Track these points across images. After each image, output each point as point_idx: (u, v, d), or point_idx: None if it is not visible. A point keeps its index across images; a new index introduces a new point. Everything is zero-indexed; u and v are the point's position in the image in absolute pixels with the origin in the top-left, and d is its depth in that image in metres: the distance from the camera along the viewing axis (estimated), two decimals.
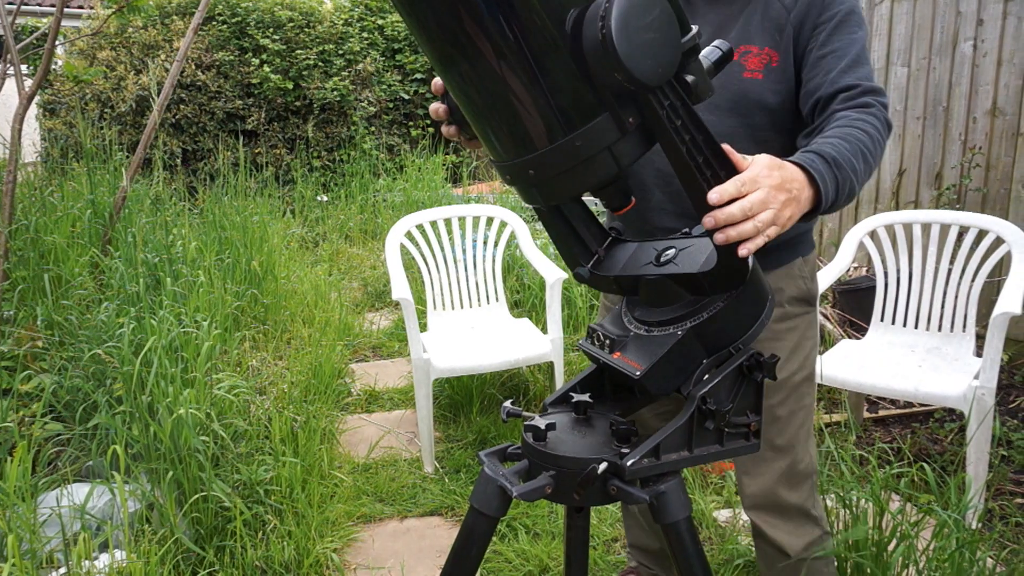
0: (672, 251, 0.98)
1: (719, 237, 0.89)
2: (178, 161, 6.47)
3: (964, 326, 2.47)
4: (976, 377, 2.17)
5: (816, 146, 1.08)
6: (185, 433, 1.97)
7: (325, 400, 2.90)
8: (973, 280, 2.47)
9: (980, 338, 2.57)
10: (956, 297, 2.51)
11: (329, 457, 2.56)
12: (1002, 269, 2.88)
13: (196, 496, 1.96)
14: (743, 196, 0.89)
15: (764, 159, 0.95)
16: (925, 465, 1.98)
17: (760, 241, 0.90)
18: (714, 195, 0.88)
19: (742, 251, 0.89)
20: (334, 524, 2.28)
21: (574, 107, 0.84)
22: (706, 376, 0.95)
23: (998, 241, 2.42)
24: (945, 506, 1.77)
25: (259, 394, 2.78)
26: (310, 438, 2.47)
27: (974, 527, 1.78)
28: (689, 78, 0.88)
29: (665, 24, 0.81)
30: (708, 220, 0.88)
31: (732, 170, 0.89)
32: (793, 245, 1.40)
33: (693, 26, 0.88)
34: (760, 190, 0.91)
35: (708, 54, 0.95)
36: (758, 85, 1.26)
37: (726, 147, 0.91)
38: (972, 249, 2.52)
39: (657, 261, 0.99)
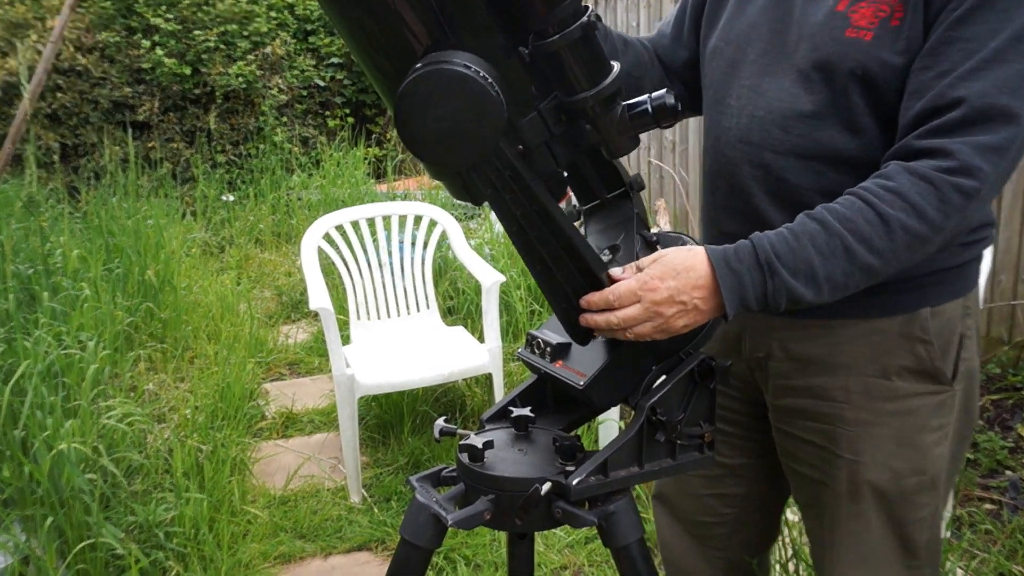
0: (607, 256, 0.99)
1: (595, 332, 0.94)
2: (55, 157, 6.20)
3: None
4: None
5: (774, 234, 0.93)
6: (67, 471, 1.88)
7: (235, 426, 2.82)
8: None
9: None
10: None
11: (241, 490, 2.50)
12: None
13: (82, 544, 1.87)
14: (612, 309, 0.91)
15: (666, 261, 0.93)
16: None
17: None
18: (582, 302, 0.92)
19: (597, 334, 0.94)
20: (248, 567, 2.22)
21: None
22: (655, 384, 0.97)
23: None
24: None
25: (158, 422, 2.69)
26: (218, 470, 2.40)
27: (943, 537, 1.86)
28: (587, 127, 0.86)
29: (472, 112, 0.77)
30: (581, 318, 0.93)
31: (580, 260, 0.88)
32: (920, 287, 1.06)
33: (615, 64, 0.87)
34: (635, 306, 0.91)
35: (637, 104, 0.89)
36: (863, 49, 0.97)
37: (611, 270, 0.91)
38: None
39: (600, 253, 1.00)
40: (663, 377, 0.98)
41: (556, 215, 0.87)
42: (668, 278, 0.92)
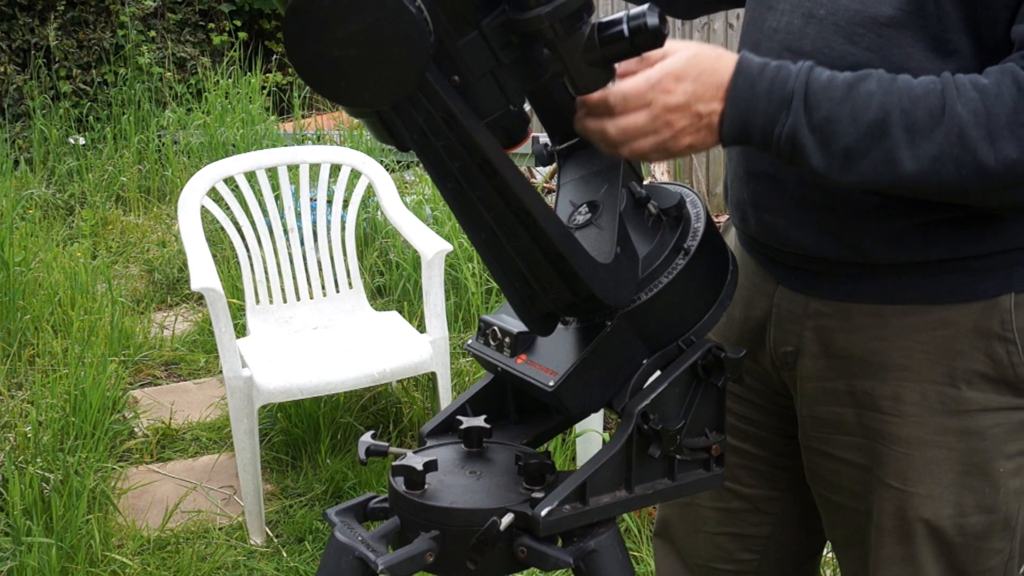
0: (584, 215, 1.00)
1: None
2: None
3: None
4: None
5: (829, 73, 0.97)
6: None
7: (93, 447, 2.80)
8: None
9: None
10: None
11: (103, 532, 2.48)
12: None
13: None
14: (616, 114, 0.94)
15: (686, 56, 0.96)
16: None
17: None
18: (578, 101, 0.95)
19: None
20: None
21: None
22: (647, 383, 0.98)
23: None
24: None
25: None
26: (71, 506, 2.38)
27: None
28: (546, 53, 0.86)
29: (386, 35, 0.78)
30: (576, 121, 0.97)
31: (536, 228, 0.89)
32: (1003, 266, 1.09)
33: None
34: (642, 112, 0.95)
35: (611, 24, 0.88)
36: None
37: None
38: None
39: (569, 217, 1.01)
40: (657, 373, 0.99)
41: (504, 169, 0.87)
42: (687, 79, 0.95)
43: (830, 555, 1.90)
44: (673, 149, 0.97)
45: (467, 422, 1.03)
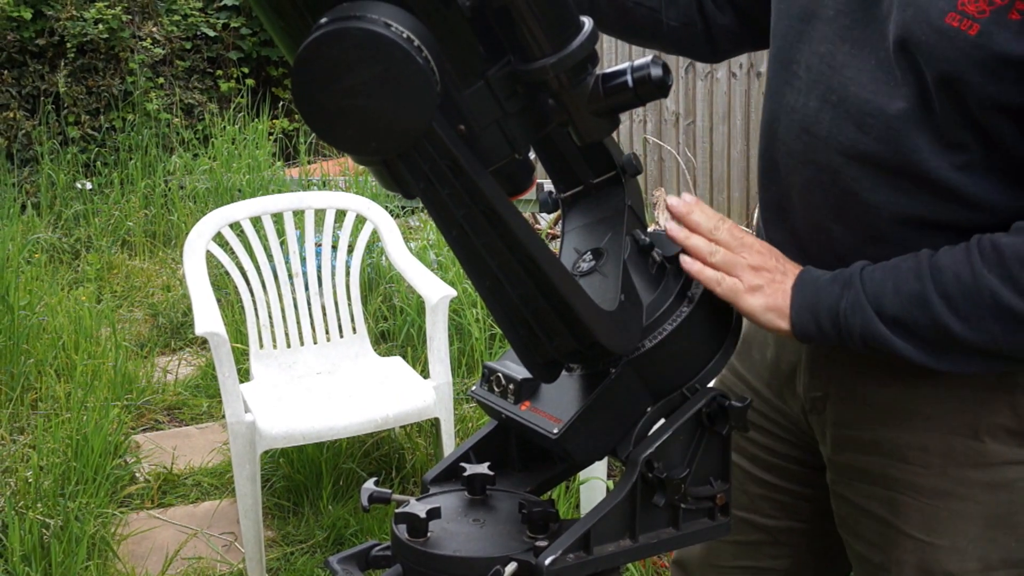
0: (588, 262, 1.01)
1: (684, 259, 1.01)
2: None
3: None
4: None
5: (864, 270, 1.04)
6: None
7: (94, 492, 2.79)
8: None
9: None
10: None
11: None
12: None
13: None
14: (710, 240, 1.00)
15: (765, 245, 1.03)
16: None
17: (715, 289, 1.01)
18: (680, 205, 1.01)
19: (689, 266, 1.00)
20: None
21: None
22: (652, 431, 0.98)
23: None
24: None
25: None
26: (71, 552, 2.37)
27: None
28: (551, 102, 0.88)
29: (392, 86, 0.79)
30: (672, 228, 1.02)
31: (541, 277, 0.89)
32: None
33: (586, 20, 0.87)
34: (738, 253, 1.01)
35: (615, 75, 0.90)
36: (961, 46, 0.95)
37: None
38: None
39: (573, 264, 1.01)
40: (662, 421, 0.99)
41: (508, 216, 0.88)
42: (767, 255, 1.05)
43: None
44: (741, 302, 1.02)
45: (470, 469, 1.03)
